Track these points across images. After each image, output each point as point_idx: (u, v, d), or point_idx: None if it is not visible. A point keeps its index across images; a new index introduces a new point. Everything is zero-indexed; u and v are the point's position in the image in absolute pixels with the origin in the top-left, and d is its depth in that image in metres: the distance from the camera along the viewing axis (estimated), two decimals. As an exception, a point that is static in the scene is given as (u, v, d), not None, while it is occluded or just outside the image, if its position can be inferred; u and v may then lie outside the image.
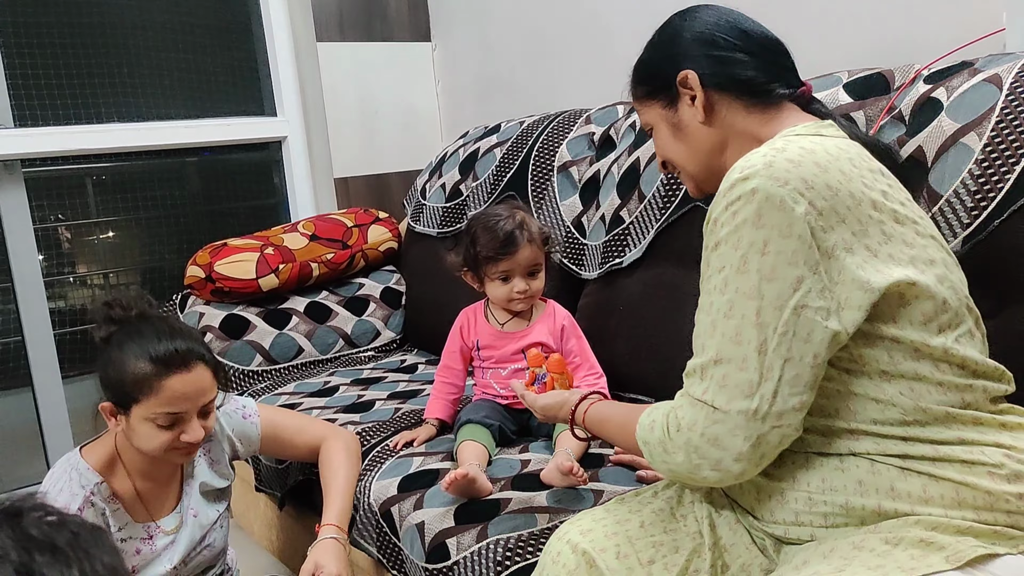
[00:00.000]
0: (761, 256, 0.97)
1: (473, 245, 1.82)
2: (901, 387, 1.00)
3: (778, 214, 0.96)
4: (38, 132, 2.74)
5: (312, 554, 1.61)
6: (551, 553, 1.21)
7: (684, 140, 1.22)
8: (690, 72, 1.17)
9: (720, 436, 1.00)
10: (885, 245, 0.99)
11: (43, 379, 2.82)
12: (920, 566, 0.90)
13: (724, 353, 0.99)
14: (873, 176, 1.03)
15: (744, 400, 0.98)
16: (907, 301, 0.99)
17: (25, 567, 0.54)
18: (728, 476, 1.02)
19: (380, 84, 3.33)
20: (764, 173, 0.97)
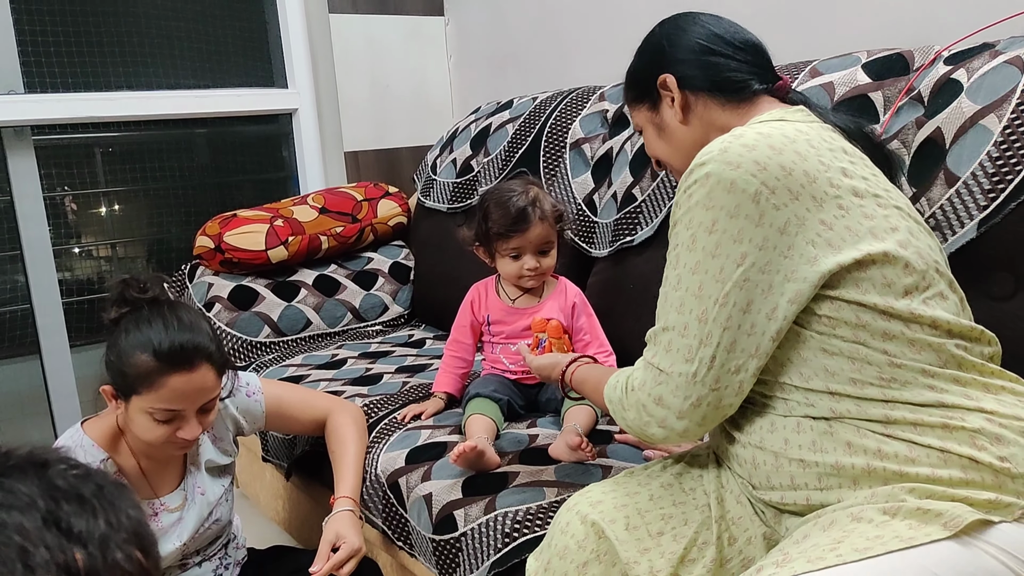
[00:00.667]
0: (708, 235, 1.06)
1: (485, 220, 1.82)
2: (874, 345, 1.04)
3: (727, 196, 1.04)
4: (48, 99, 2.74)
5: (331, 525, 1.61)
6: (560, 524, 1.23)
7: (668, 139, 1.31)
8: (668, 76, 1.26)
9: (664, 396, 1.10)
10: (842, 218, 1.04)
11: (51, 346, 2.83)
12: (918, 535, 0.92)
13: (670, 321, 1.10)
14: (832, 155, 1.09)
15: (684, 364, 1.07)
16: (865, 267, 1.04)
17: (52, 515, 0.54)
18: (673, 434, 1.11)
19: (392, 58, 3.32)
20: (718, 158, 1.06)
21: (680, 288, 1.09)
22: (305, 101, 3.21)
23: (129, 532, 0.57)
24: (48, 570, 0.51)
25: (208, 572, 1.64)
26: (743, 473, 1.16)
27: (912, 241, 1.07)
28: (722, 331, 1.05)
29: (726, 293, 1.05)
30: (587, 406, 1.71)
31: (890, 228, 1.06)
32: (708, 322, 1.06)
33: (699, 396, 1.07)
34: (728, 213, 1.04)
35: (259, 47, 3.26)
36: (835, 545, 0.94)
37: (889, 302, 1.03)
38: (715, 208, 1.05)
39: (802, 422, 1.08)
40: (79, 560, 0.53)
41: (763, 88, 1.25)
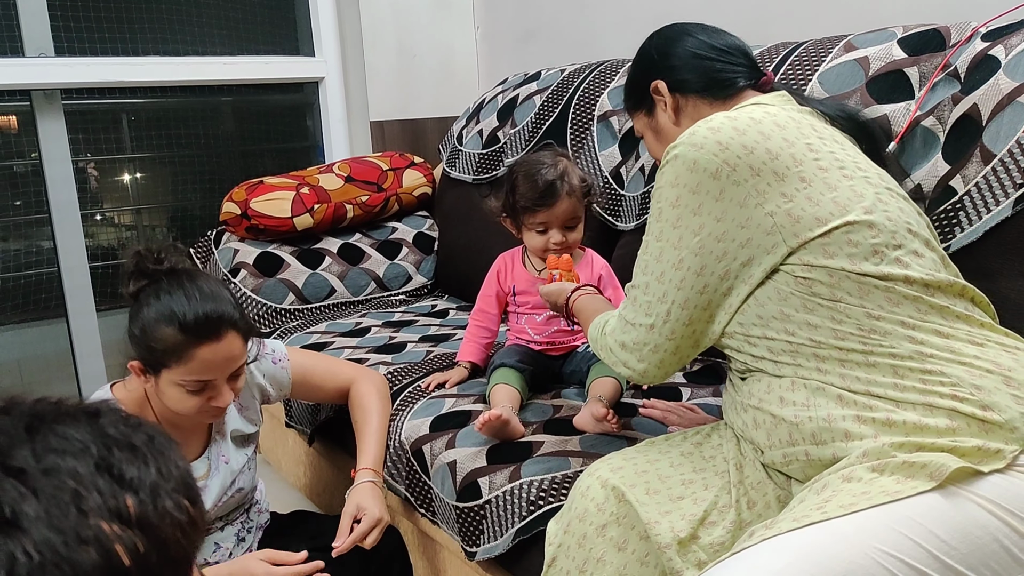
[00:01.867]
0: (672, 208, 1.18)
1: (513, 193, 1.81)
2: (851, 301, 1.10)
3: (689, 174, 1.15)
4: (78, 62, 2.75)
5: (352, 498, 1.60)
6: (580, 488, 1.25)
7: (664, 141, 1.38)
8: (659, 82, 1.36)
9: (626, 342, 1.26)
10: (804, 189, 1.11)
11: (77, 308, 2.86)
12: (905, 488, 0.94)
13: (637, 280, 1.25)
14: (799, 132, 1.17)
15: (644, 316, 1.23)
16: (828, 233, 1.10)
17: (105, 461, 0.54)
18: (635, 373, 1.27)
19: (419, 27, 3.30)
20: (686, 140, 1.17)
21: (647, 253, 1.23)
22: (332, 70, 3.21)
23: (178, 481, 0.58)
24: (100, 515, 0.52)
25: (230, 536, 1.65)
26: (747, 436, 1.21)
27: (879, 206, 1.13)
28: (676, 290, 1.18)
29: (681, 258, 1.17)
30: (612, 377, 1.71)
31: (855, 195, 1.12)
32: (665, 282, 1.19)
33: (656, 344, 1.22)
34: (690, 189, 1.15)
35: (287, 15, 3.26)
36: (822, 504, 0.97)
37: (857, 264, 1.09)
38: (679, 185, 1.16)
39: (795, 381, 1.13)
40: (130, 506, 0.54)
41: (749, 84, 1.34)
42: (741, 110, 1.22)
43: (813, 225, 1.10)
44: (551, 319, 1.86)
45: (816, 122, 1.23)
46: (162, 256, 1.45)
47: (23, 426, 0.55)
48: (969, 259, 1.44)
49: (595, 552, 1.20)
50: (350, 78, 3.25)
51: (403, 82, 3.30)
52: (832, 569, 0.89)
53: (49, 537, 0.49)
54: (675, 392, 1.76)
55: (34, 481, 0.52)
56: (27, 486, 0.51)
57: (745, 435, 1.22)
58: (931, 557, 0.90)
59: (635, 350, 1.24)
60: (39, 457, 0.53)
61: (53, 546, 0.49)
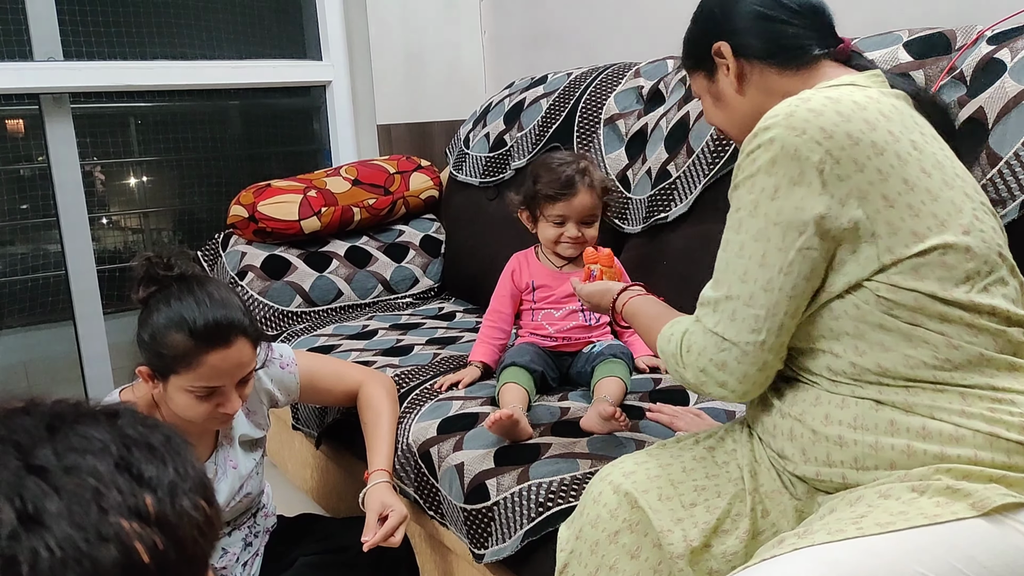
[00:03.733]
0: (771, 201, 1.04)
1: (534, 182, 1.84)
2: (931, 327, 1.02)
3: (790, 162, 1.02)
4: (86, 66, 2.76)
5: (375, 496, 1.60)
6: (592, 493, 1.23)
7: (724, 108, 1.27)
8: (723, 44, 1.22)
9: (727, 362, 1.10)
10: (907, 194, 1.01)
11: (84, 312, 2.87)
12: (944, 513, 0.92)
13: (734, 290, 1.08)
14: (903, 126, 1.05)
15: (751, 334, 1.07)
16: (924, 254, 1.02)
17: (124, 460, 0.55)
18: (732, 395, 1.13)
19: (426, 31, 3.31)
20: (783, 123, 1.03)
21: (743, 256, 1.08)
22: (339, 73, 3.22)
23: (195, 481, 0.59)
24: (120, 512, 0.53)
25: (238, 540, 1.65)
26: (776, 445, 1.16)
27: (976, 224, 1.04)
28: (788, 300, 1.06)
29: (790, 262, 1.04)
30: (617, 378, 1.71)
31: (955, 209, 1.03)
32: (775, 291, 1.05)
33: (764, 362, 1.09)
34: (791, 180, 1.03)
35: (294, 19, 3.27)
36: (858, 519, 0.94)
37: (948, 290, 1.02)
38: (778, 175, 1.03)
39: (847, 400, 1.07)
40: (149, 504, 0.54)
41: (824, 52, 1.20)
42: (840, 90, 1.08)
43: (910, 241, 1.01)
44: (569, 314, 1.86)
45: (914, 112, 1.12)
46: (172, 262, 1.45)
47: (44, 426, 0.56)
48: (976, 262, 1.44)
49: (608, 559, 1.17)
50: (357, 82, 3.26)
51: (410, 86, 3.31)
52: None
53: (70, 534, 0.50)
54: (682, 395, 1.76)
55: (56, 479, 0.52)
56: (49, 484, 0.52)
57: (772, 444, 1.17)
58: None
59: (737, 370, 1.10)
60: (60, 456, 0.54)
61: (74, 542, 0.50)
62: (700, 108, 2.06)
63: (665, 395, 1.78)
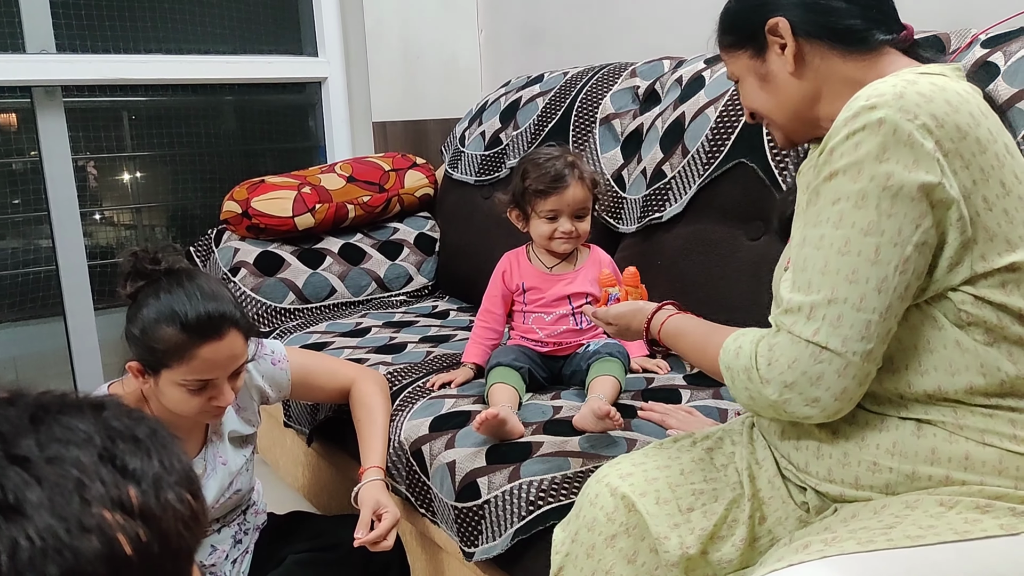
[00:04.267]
0: (882, 191, 0.93)
1: (523, 179, 1.82)
2: (1005, 350, 0.96)
3: (905, 149, 0.92)
4: (79, 59, 2.74)
5: (370, 493, 1.59)
6: (589, 495, 1.21)
7: (772, 91, 1.16)
8: (781, 20, 1.11)
9: (825, 375, 0.97)
10: (1003, 199, 0.95)
11: (75, 307, 2.85)
12: (974, 530, 0.90)
13: (839, 292, 0.96)
14: (998, 127, 0.98)
15: (859, 342, 0.95)
16: (1015, 269, 0.95)
17: (108, 451, 0.54)
18: (821, 415, 1.00)
19: (423, 29, 3.31)
20: (894, 104, 0.93)
21: (850, 252, 0.95)
22: (335, 70, 3.21)
23: (180, 474, 0.58)
24: (103, 504, 0.52)
25: (227, 538, 1.64)
26: (798, 459, 1.11)
27: None
28: (900, 301, 0.95)
29: (906, 258, 0.93)
30: (611, 377, 1.71)
31: None
32: (887, 293, 0.94)
33: (867, 374, 0.98)
34: (906, 167, 0.92)
35: (290, 15, 3.26)
36: (886, 530, 0.92)
37: None
38: (891, 161, 0.92)
39: (888, 420, 1.01)
40: (133, 496, 0.54)
41: (888, 39, 1.10)
42: (938, 78, 0.98)
43: (1003, 249, 0.94)
44: (560, 319, 1.85)
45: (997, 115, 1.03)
46: (159, 256, 1.44)
47: (28, 416, 0.55)
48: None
49: (604, 564, 1.15)
50: (353, 78, 3.25)
51: (406, 83, 3.30)
52: None
53: (51, 524, 0.49)
54: (675, 394, 1.76)
55: (38, 469, 0.51)
56: (31, 474, 0.51)
57: (792, 455, 1.12)
58: None
59: (836, 386, 0.97)
60: (43, 446, 0.53)
61: (55, 533, 0.49)
62: (695, 108, 2.06)
63: (657, 394, 1.77)
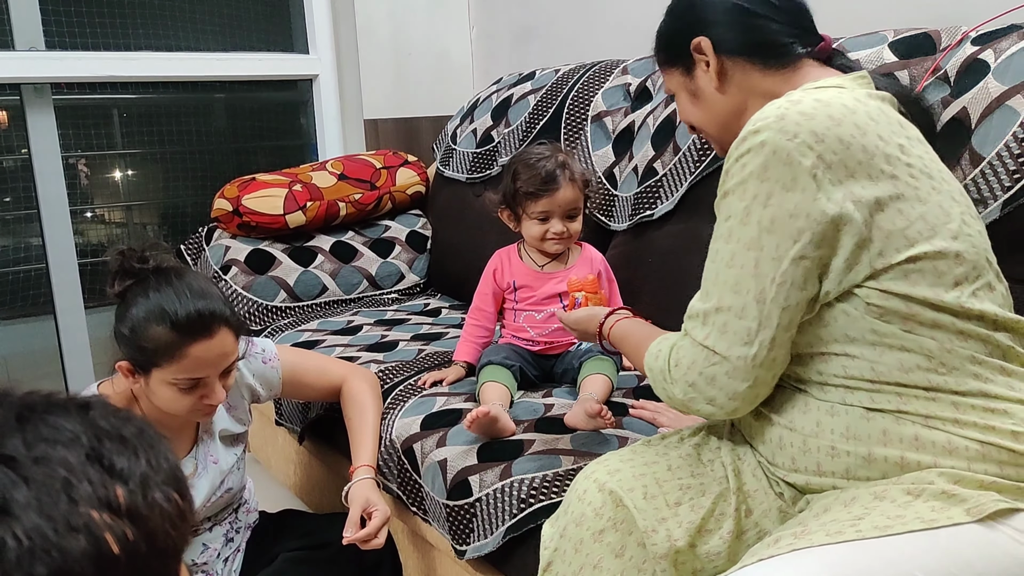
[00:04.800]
0: (763, 208, 1.01)
1: (514, 181, 1.81)
2: (923, 332, 1.01)
3: (783, 168, 0.99)
4: (69, 56, 2.73)
5: (360, 492, 1.59)
6: (577, 491, 1.22)
7: (702, 106, 1.23)
8: (703, 39, 1.18)
9: (717, 377, 1.06)
10: (895, 201, 1.00)
11: (66, 305, 2.84)
12: (940, 518, 0.92)
13: (725, 302, 1.05)
14: (891, 129, 1.04)
15: (743, 347, 1.04)
16: (916, 260, 1.00)
17: (95, 451, 0.54)
18: (721, 412, 1.09)
19: (414, 26, 3.30)
20: (775, 126, 1.00)
21: (735, 265, 1.04)
22: (326, 67, 3.21)
23: (168, 474, 0.58)
24: (91, 503, 0.52)
25: (219, 536, 1.64)
26: (766, 452, 1.15)
27: (964, 229, 1.03)
28: (780, 311, 1.02)
29: (783, 271, 1.01)
30: (604, 375, 1.71)
31: (943, 214, 1.02)
32: (767, 302, 1.02)
33: (756, 378, 1.05)
34: (784, 186, 0.99)
35: (281, 12, 3.25)
36: (855, 521, 0.94)
37: (939, 295, 1.00)
38: (771, 180, 1.00)
39: (837, 407, 1.05)
40: (120, 496, 0.54)
41: (806, 51, 1.17)
42: (828, 93, 1.06)
43: (901, 245, 1.00)
44: (551, 317, 1.85)
45: (900, 116, 1.09)
46: (146, 254, 1.43)
47: (14, 416, 0.55)
48: (960, 261, 1.45)
49: (592, 558, 1.16)
50: (344, 76, 3.25)
51: (398, 81, 3.30)
52: None
53: (39, 524, 0.49)
54: (666, 392, 1.76)
55: (24, 469, 0.51)
56: (17, 473, 0.51)
57: (762, 450, 1.16)
58: None
59: (727, 387, 1.07)
60: (30, 446, 0.53)
61: (43, 532, 0.49)
62: (687, 106, 2.07)
63: (649, 392, 1.77)
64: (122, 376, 1.45)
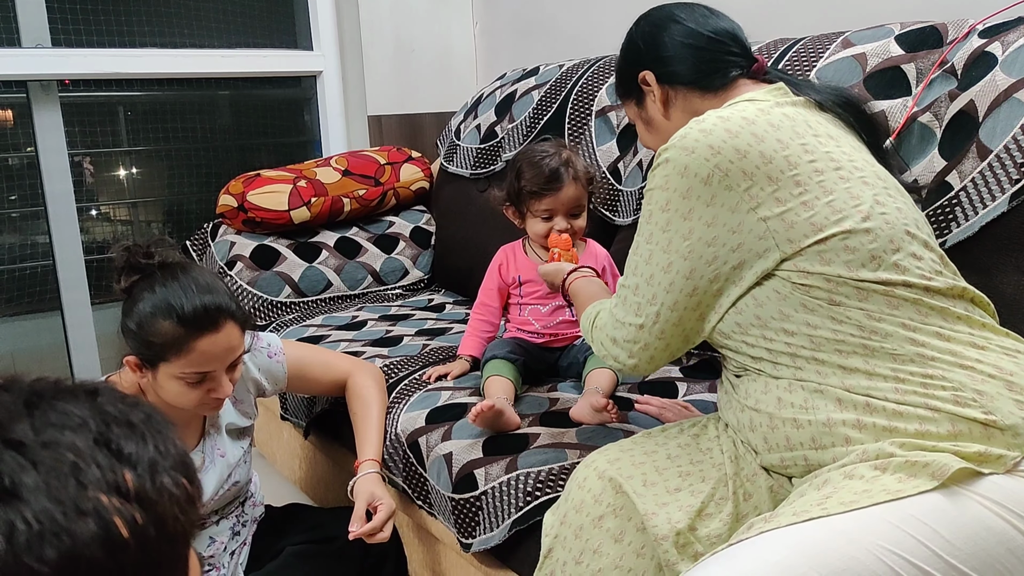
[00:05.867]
0: (662, 212, 1.16)
1: (518, 179, 1.81)
2: (851, 304, 1.08)
3: (680, 179, 1.13)
4: (74, 53, 2.74)
5: (365, 487, 1.60)
6: (577, 479, 1.25)
7: (654, 132, 1.37)
8: (648, 72, 1.32)
9: (617, 338, 1.26)
10: (799, 195, 1.09)
11: (72, 301, 2.85)
12: (906, 487, 0.94)
13: (627, 280, 1.24)
14: (793, 132, 1.13)
15: (634, 316, 1.22)
16: (824, 240, 1.08)
17: (103, 436, 0.55)
18: (625, 367, 1.27)
19: (418, 22, 3.30)
20: (677, 144, 1.14)
21: (637, 254, 1.22)
22: (330, 64, 3.21)
23: (176, 459, 0.58)
24: (99, 488, 0.52)
25: (225, 529, 1.64)
26: (746, 438, 1.20)
27: (876, 209, 1.10)
28: (665, 293, 1.18)
29: (670, 262, 1.16)
30: (608, 369, 1.71)
31: (851, 199, 1.10)
32: (654, 285, 1.18)
33: (646, 342, 1.22)
34: (680, 194, 1.13)
35: (285, 9, 3.25)
36: (823, 500, 0.97)
37: (855, 271, 1.08)
38: (669, 189, 1.15)
39: (793, 384, 1.12)
40: (128, 481, 0.54)
41: (740, 73, 1.29)
42: (734, 108, 1.18)
43: (808, 231, 1.08)
44: (556, 310, 1.85)
45: (812, 116, 1.19)
46: (152, 250, 1.43)
47: (22, 401, 0.55)
48: (965, 255, 1.45)
49: (591, 543, 1.18)
50: (348, 72, 3.25)
51: (401, 77, 3.30)
52: (832, 564, 0.89)
53: (48, 507, 0.50)
54: (671, 387, 1.76)
55: (33, 454, 0.52)
56: (26, 458, 0.51)
57: (741, 435, 1.21)
58: (935, 556, 0.90)
59: (625, 347, 1.24)
60: (38, 431, 0.53)
61: (52, 516, 0.49)
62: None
63: (653, 387, 1.78)
64: (129, 371, 1.45)
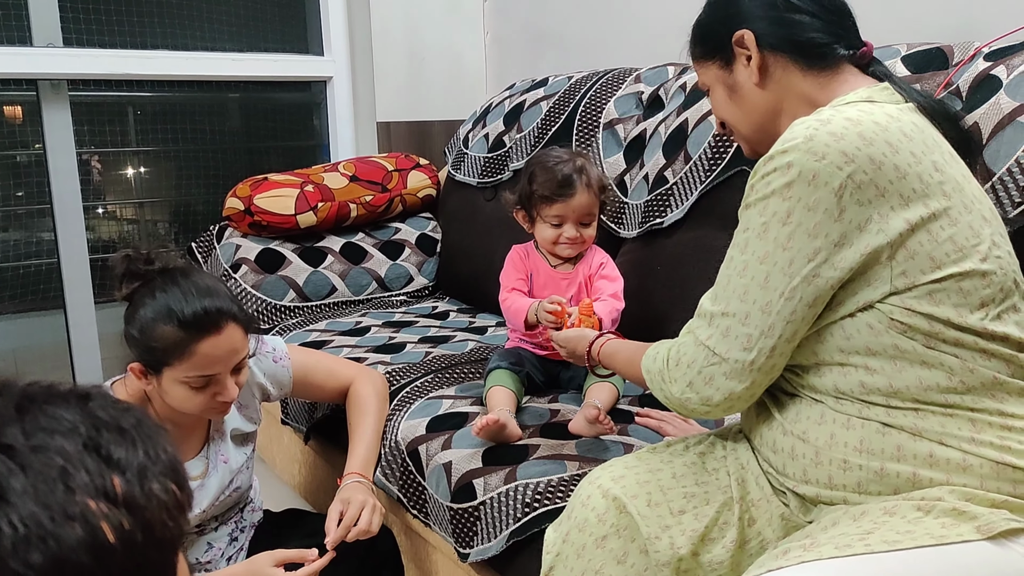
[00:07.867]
0: (782, 226, 1.01)
1: (530, 183, 1.80)
2: (945, 349, 1.00)
3: (807, 188, 0.98)
4: (85, 53, 2.75)
5: (338, 495, 1.59)
6: (581, 497, 1.21)
7: (739, 102, 1.21)
8: (746, 32, 1.16)
9: (715, 377, 1.08)
10: (927, 222, 0.99)
11: (76, 300, 2.86)
12: (950, 534, 0.91)
13: (731, 308, 1.06)
14: (924, 146, 1.02)
15: (742, 352, 1.06)
16: (940, 280, 0.99)
17: (93, 441, 0.55)
18: (715, 410, 1.11)
19: (429, 30, 3.31)
20: (803, 147, 0.99)
21: (746, 276, 1.05)
22: (340, 69, 3.22)
23: (166, 465, 0.58)
24: (87, 492, 0.52)
25: (223, 535, 1.64)
26: (776, 462, 1.13)
27: (994, 251, 1.02)
28: (785, 324, 1.03)
29: (793, 287, 1.01)
30: (609, 383, 1.70)
31: (973, 235, 1.01)
32: (772, 314, 1.03)
33: (752, 381, 1.07)
34: (806, 206, 0.99)
35: (297, 13, 3.27)
36: (864, 535, 0.93)
37: (963, 316, 1.00)
38: (793, 199, 1.00)
39: (853, 420, 1.04)
40: (117, 486, 0.54)
41: (847, 55, 1.15)
42: (859, 109, 1.04)
43: (926, 267, 0.99)
44: None
45: (933, 130, 1.07)
46: (152, 257, 1.43)
47: (13, 406, 0.55)
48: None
49: (594, 564, 1.16)
50: (358, 78, 3.26)
51: (411, 84, 3.30)
52: None
53: (35, 511, 0.50)
54: (672, 400, 1.76)
55: (22, 458, 0.52)
56: (15, 461, 0.51)
57: (772, 459, 1.14)
58: None
59: (724, 387, 1.08)
60: (28, 435, 0.53)
61: (39, 520, 0.49)
62: (699, 115, 2.06)
63: (655, 400, 1.77)
64: (135, 378, 1.45)
